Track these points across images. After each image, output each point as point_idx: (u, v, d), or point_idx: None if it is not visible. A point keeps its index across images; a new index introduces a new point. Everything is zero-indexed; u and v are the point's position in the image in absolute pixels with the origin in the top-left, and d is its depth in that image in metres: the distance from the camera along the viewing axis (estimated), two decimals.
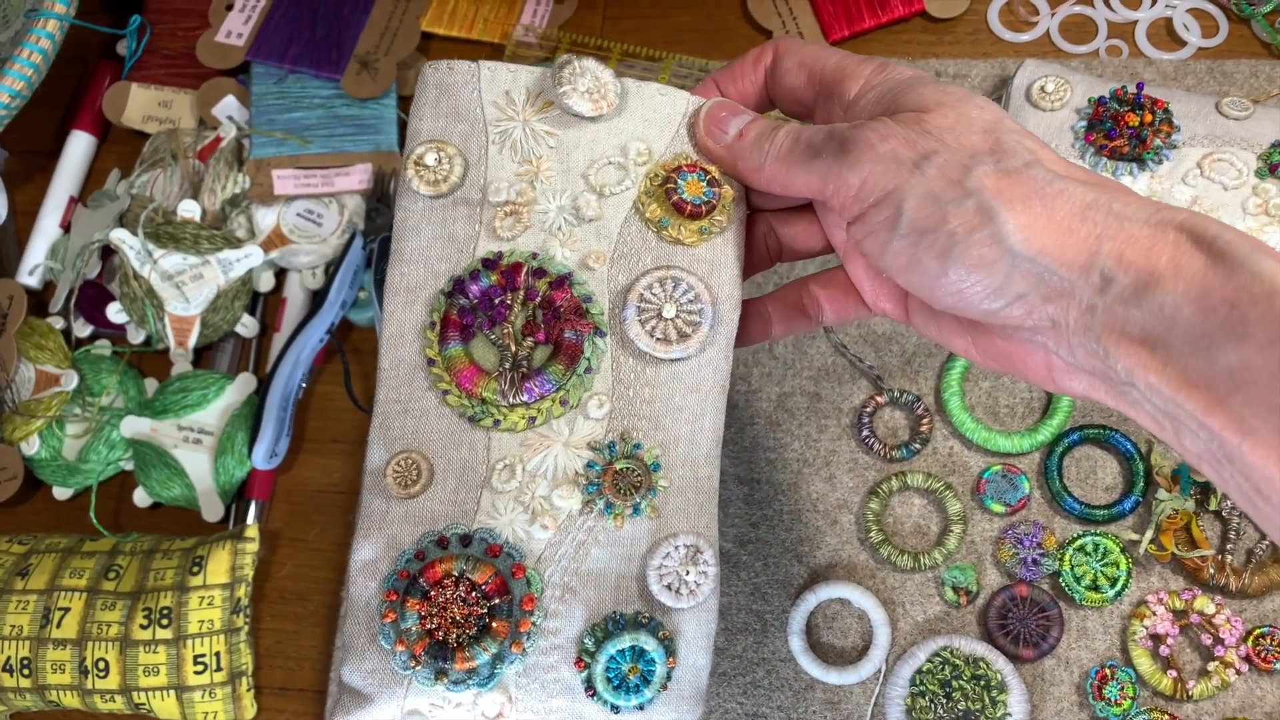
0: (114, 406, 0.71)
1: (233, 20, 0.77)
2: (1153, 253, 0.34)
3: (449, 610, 0.44)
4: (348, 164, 0.73)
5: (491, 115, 0.48)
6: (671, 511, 0.46)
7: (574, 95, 0.46)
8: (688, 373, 0.46)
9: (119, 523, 0.71)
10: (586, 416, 0.46)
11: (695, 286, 0.46)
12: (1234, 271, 0.33)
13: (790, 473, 0.66)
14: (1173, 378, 0.33)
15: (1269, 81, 0.71)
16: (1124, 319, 0.34)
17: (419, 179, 0.47)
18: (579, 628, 0.45)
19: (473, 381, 0.46)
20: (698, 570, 0.46)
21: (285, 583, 0.68)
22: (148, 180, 0.73)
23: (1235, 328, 0.32)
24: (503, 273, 0.46)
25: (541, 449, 0.46)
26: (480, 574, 0.44)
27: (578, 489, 0.45)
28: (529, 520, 0.45)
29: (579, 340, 0.45)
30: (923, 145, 0.39)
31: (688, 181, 0.46)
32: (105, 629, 0.61)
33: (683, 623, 0.46)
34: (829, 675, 0.61)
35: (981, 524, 0.64)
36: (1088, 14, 0.76)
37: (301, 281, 0.73)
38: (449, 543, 0.45)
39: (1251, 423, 0.31)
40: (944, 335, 0.44)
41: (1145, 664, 0.59)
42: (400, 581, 0.44)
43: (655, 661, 0.45)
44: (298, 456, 0.71)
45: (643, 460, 0.45)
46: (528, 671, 0.45)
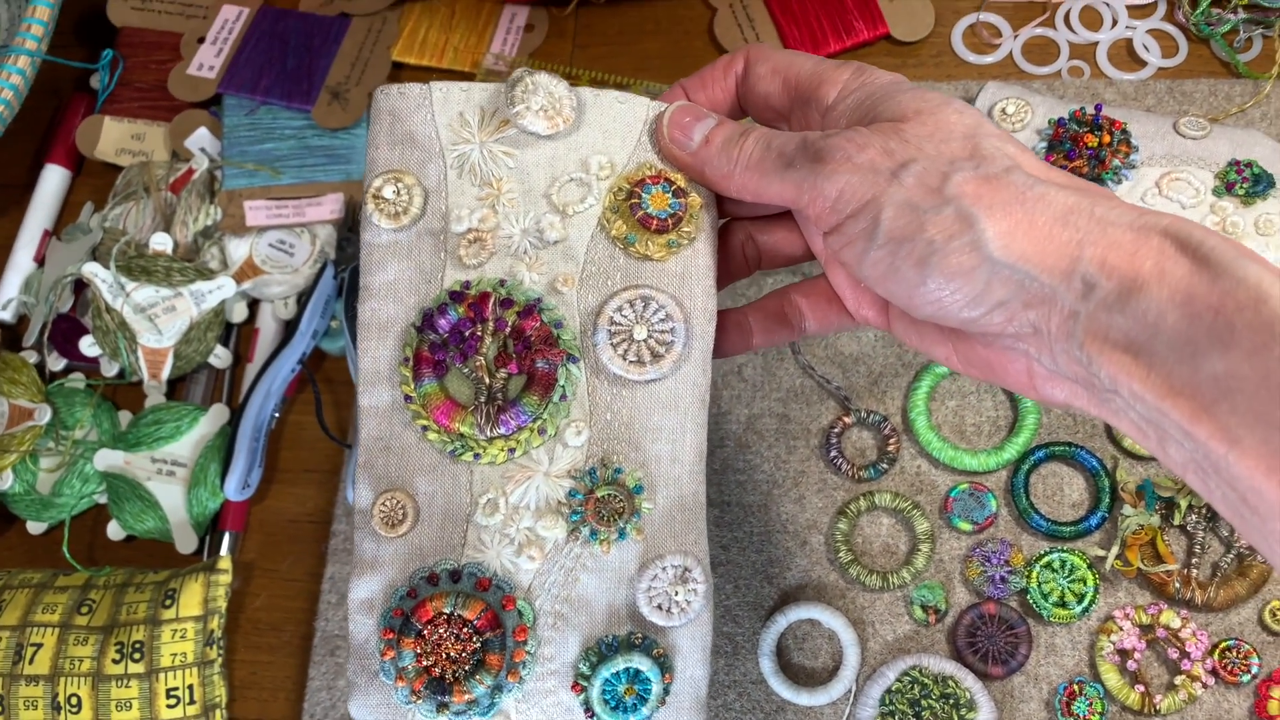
0: (88, 440, 0.71)
1: (204, 53, 0.78)
2: (1136, 258, 0.34)
3: (443, 647, 0.45)
4: (319, 194, 0.74)
5: (447, 139, 0.46)
6: (658, 533, 0.46)
7: (528, 114, 0.45)
8: (665, 391, 0.46)
9: (93, 556, 0.71)
10: (565, 445, 0.46)
11: (666, 305, 0.45)
12: (1219, 277, 0.32)
13: (760, 494, 0.66)
14: (1157, 385, 0.33)
15: (1228, 100, 0.72)
16: (1107, 325, 0.34)
17: (379, 213, 0.46)
18: (574, 653, 0.46)
19: (449, 417, 0.45)
20: (687, 589, 0.46)
21: (259, 614, 0.68)
22: (120, 213, 0.74)
23: (1221, 334, 0.31)
24: (470, 305, 0.45)
25: (523, 480, 0.46)
26: (470, 610, 0.44)
27: (561, 518, 0.45)
28: (515, 552, 0.45)
29: (552, 369, 0.45)
30: (900, 154, 0.38)
31: (652, 195, 0.45)
32: (78, 664, 0.61)
33: (677, 639, 0.47)
34: (800, 697, 0.61)
35: (949, 542, 0.64)
36: (1050, 35, 0.77)
37: (274, 312, 0.73)
38: (439, 579, 0.45)
39: (1238, 432, 0.31)
40: (925, 343, 0.43)
41: (1113, 679, 0.60)
42: (395, 619, 0.45)
43: (651, 680, 0.46)
44: (271, 487, 0.71)
45: (625, 485, 0.45)
46: (527, 697, 0.46)
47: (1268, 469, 0.30)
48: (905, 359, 0.68)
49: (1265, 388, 0.30)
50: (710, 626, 0.47)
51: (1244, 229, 0.63)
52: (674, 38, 0.80)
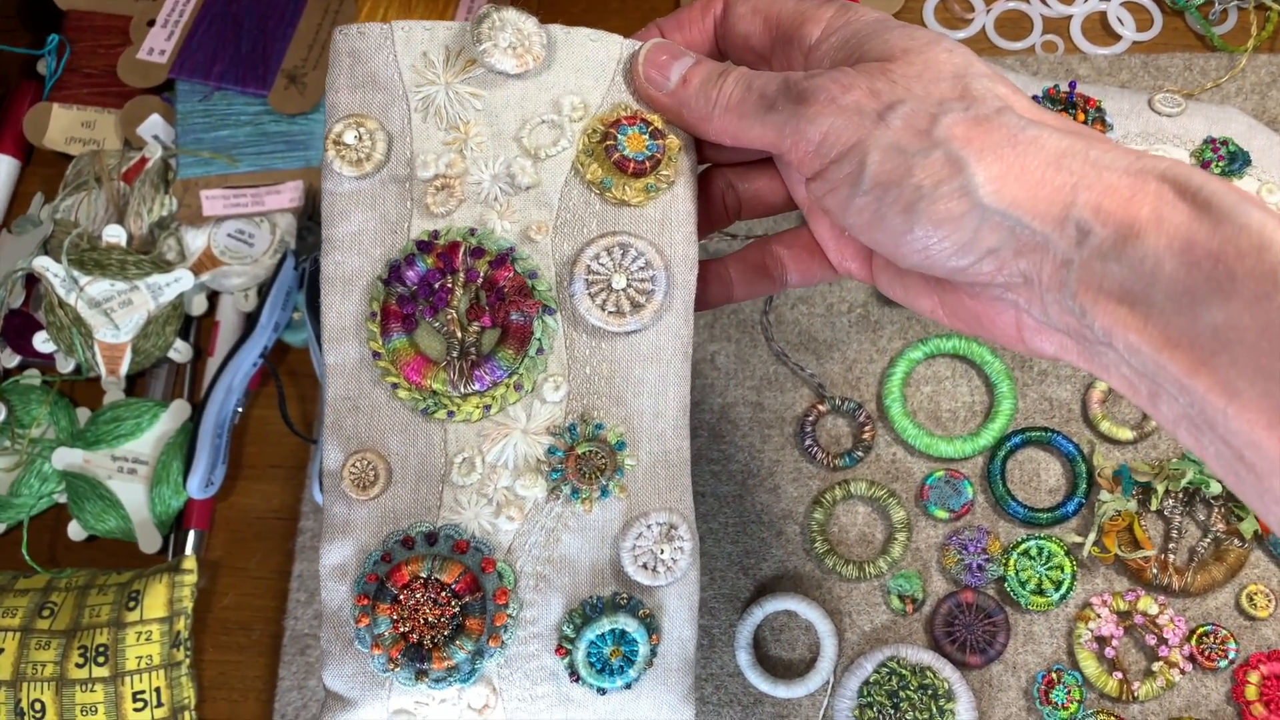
0: (45, 438, 0.69)
1: (155, 37, 0.75)
2: (1133, 203, 0.32)
3: (420, 612, 0.43)
4: (278, 182, 0.72)
5: (411, 81, 0.44)
6: (641, 490, 0.45)
7: (495, 52, 0.43)
8: (646, 343, 0.44)
9: (55, 557, 0.69)
10: (543, 400, 0.44)
11: (645, 252, 0.43)
12: (1220, 223, 0.31)
13: (735, 484, 0.65)
14: (1154, 336, 0.31)
15: (1202, 74, 0.71)
16: (1101, 274, 0.33)
17: (340, 159, 0.44)
18: (557, 615, 0.45)
19: (420, 373, 0.43)
20: (673, 547, 0.45)
21: (227, 613, 0.67)
22: (72, 204, 0.72)
23: (1221, 283, 0.30)
24: (439, 255, 0.43)
25: (500, 438, 0.44)
26: (448, 573, 0.43)
27: (541, 476, 0.44)
28: (494, 513, 0.44)
29: (527, 322, 0.43)
30: (887, 95, 0.36)
31: (628, 136, 0.43)
32: (40, 669, 0.60)
33: (664, 598, 0.46)
34: (777, 689, 0.61)
35: (926, 531, 0.64)
36: (1023, 9, 0.76)
37: (234, 304, 0.72)
38: (414, 542, 0.44)
39: (1237, 384, 0.30)
40: (909, 295, 0.42)
41: (1091, 666, 0.59)
42: (369, 585, 0.44)
43: (638, 641, 0.44)
44: (236, 483, 0.69)
45: (606, 441, 0.44)
46: (509, 662, 0.45)
47: (1268, 423, 0.29)
48: (880, 345, 0.67)
49: (1266, 338, 0.29)
50: (697, 585, 0.46)
51: None
52: (640, 16, 0.79)
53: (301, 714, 0.63)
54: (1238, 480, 0.31)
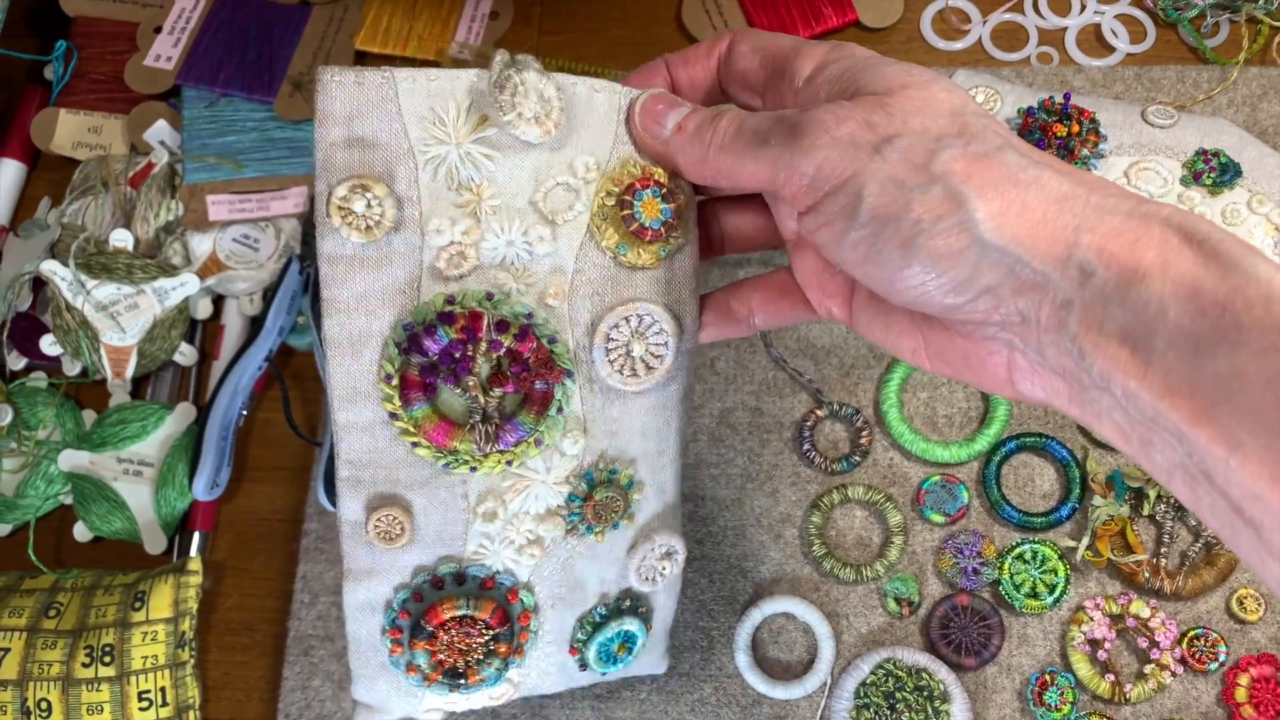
0: (51, 440, 0.70)
1: (161, 43, 0.76)
2: (1137, 247, 0.32)
3: (456, 644, 0.46)
4: (283, 187, 0.73)
5: (417, 137, 0.40)
6: (646, 517, 0.49)
7: (520, 123, 0.40)
8: (655, 395, 0.46)
9: (60, 558, 0.70)
10: (562, 454, 0.45)
11: (660, 319, 0.44)
12: (1228, 272, 0.30)
13: (734, 488, 0.66)
14: (1154, 382, 0.31)
15: (1195, 86, 0.72)
16: (1103, 316, 0.32)
17: (348, 226, 0.40)
18: (570, 626, 0.50)
19: (446, 437, 0.43)
20: (672, 562, 0.50)
21: (231, 614, 0.67)
22: (79, 208, 0.72)
23: (1227, 332, 0.29)
24: (461, 328, 0.42)
25: (521, 489, 0.45)
26: (483, 611, 0.46)
27: (560, 519, 0.46)
28: (516, 552, 0.46)
29: (549, 389, 0.44)
30: (884, 128, 0.36)
31: (644, 202, 0.43)
32: (46, 669, 0.61)
33: (656, 596, 0.52)
34: (775, 690, 0.62)
35: (922, 534, 0.64)
36: (1019, 21, 0.77)
37: (239, 308, 0.72)
38: (444, 583, 0.46)
39: (1240, 435, 0.29)
40: (890, 336, 0.41)
41: (1084, 669, 0.60)
42: (402, 621, 0.46)
43: (638, 636, 0.51)
44: (240, 485, 0.70)
45: (620, 484, 0.46)
46: (527, 663, 0.50)
47: (1271, 476, 0.28)
48: (877, 351, 0.68)
49: (1272, 391, 0.28)
50: (680, 576, 0.53)
51: (1211, 218, 0.63)
52: (641, 24, 0.79)
53: (305, 714, 0.64)
54: (1233, 534, 0.31)
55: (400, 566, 0.46)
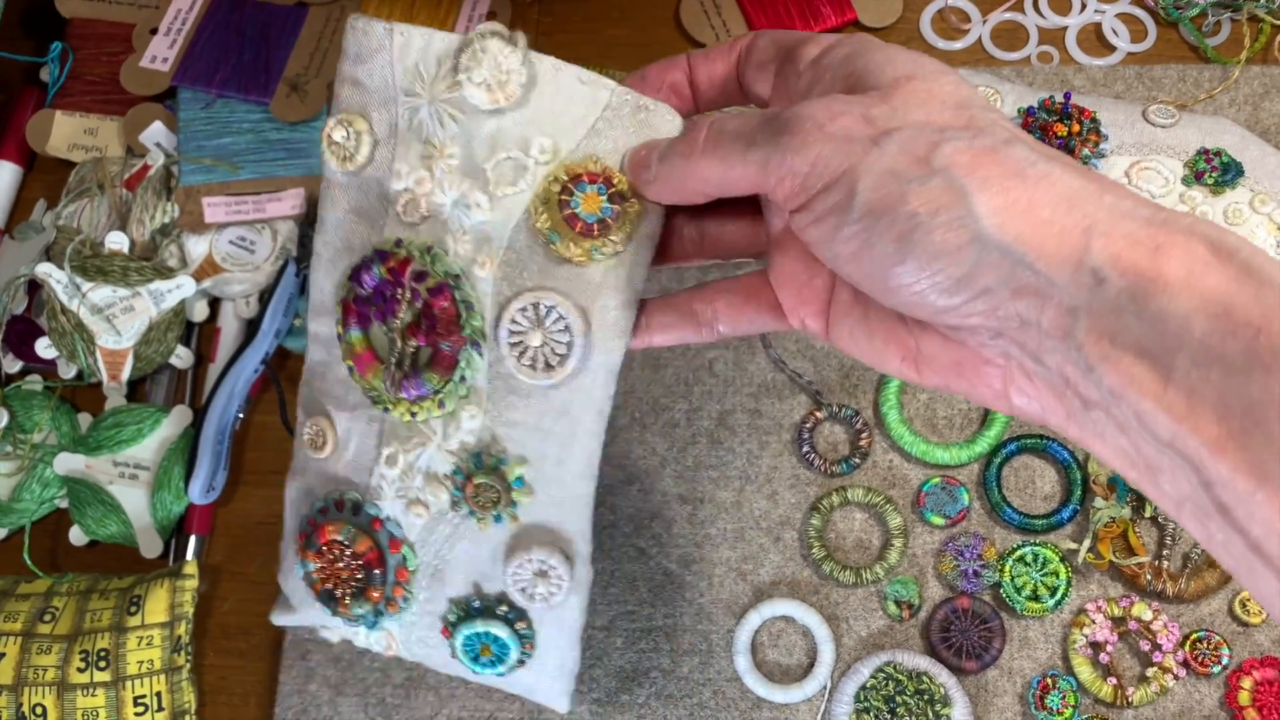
0: (47, 443, 0.69)
1: (157, 44, 0.76)
2: (1159, 256, 0.30)
3: (335, 567, 0.50)
4: (279, 189, 0.72)
5: (403, 86, 0.43)
6: (532, 525, 0.48)
7: (469, 85, 0.42)
8: (558, 398, 0.45)
9: (56, 562, 0.69)
10: (459, 425, 0.46)
11: (567, 315, 0.43)
12: (1263, 291, 0.28)
13: (733, 491, 0.66)
14: (1175, 403, 0.29)
15: (1196, 85, 0.72)
16: (1116, 327, 0.30)
17: (329, 153, 0.45)
18: (444, 605, 0.51)
19: (365, 368, 0.47)
20: (548, 583, 0.48)
21: (228, 618, 0.67)
22: (74, 211, 0.72)
23: (1261, 356, 0.27)
24: (390, 269, 0.45)
25: (419, 445, 0.48)
26: (359, 545, 0.49)
27: (445, 490, 0.48)
28: (406, 506, 0.49)
29: (454, 352, 0.45)
30: (883, 121, 0.34)
31: (585, 194, 0.42)
32: (42, 674, 0.60)
33: (542, 618, 0.50)
34: (775, 694, 0.61)
35: (922, 537, 0.64)
36: (1019, 20, 0.76)
37: (235, 311, 0.72)
38: (344, 506, 0.50)
39: (1271, 467, 0.27)
40: (874, 347, 0.39)
41: (1086, 672, 0.60)
42: (308, 527, 0.50)
43: (509, 647, 0.50)
44: (237, 489, 0.70)
45: (504, 476, 0.47)
46: (407, 626, 0.52)
47: None
48: None
49: None
50: (579, 612, 0.50)
51: (1213, 218, 0.63)
52: (639, 25, 0.79)
53: (301, 718, 0.64)
54: (1249, 573, 0.29)
55: (322, 475, 0.51)
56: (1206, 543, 0.30)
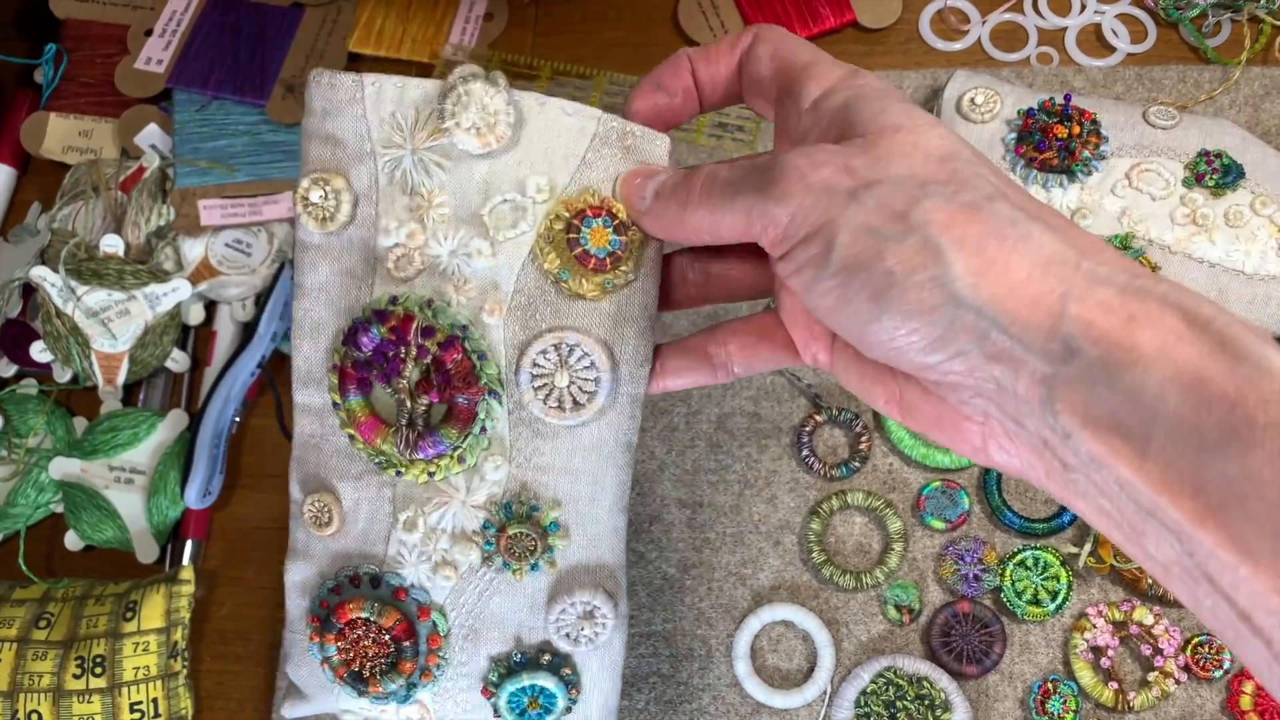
0: (42, 448, 0.69)
1: (152, 46, 0.75)
2: (1132, 326, 0.29)
3: (361, 645, 0.47)
4: (276, 192, 0.72)
5: (379, 139, 0.42)
6: (570, 569, 0.47)
7: (458, 132, 0.41)
8: (587, 435, 0.44)
9: (51, 567, 0.69)
10: (483, 478, 0.45)
11: (591, 353, 0.43)
12: (1238, 364, 0.28)
13: (732, 495, 0.66)
14: (1152, 475, 0.28)
15: (1196, 87, 0.72)
16: (1089, 398, 0.29)
17: (306, 215, 0.43)
18: (484, 665, 0.48)
19: (372, 434, 0.44)
20: (594, 624, 0.47)
21: (225, 622, 0.67)
22: (69, 214, 0.72)
23: (1238, 430, 0.27)
24: (392, 328, 0.43)
25: (441, 505, 0.45)
26: (386, 619, 0.46)
27: (475, 546, 0.46)
28: (432, 570, 0.46)
29: (471, 405, 0.43)
30: (864, 173, 0.34)
31: (592, 229, 0.42)
32: (37, 680, 0.60)
33: (586, 659, 0.48)
34: (774, 699, 0.61)
35: (922, 541, 0.64)
36: (1018, 21, 0.76)
37: (232, 314, 0.72)
38: (361, 581, 0.47)
39: (1254, 543, 0.26)
40: (864, 385, 0.39)
41: (1087, 676, 0.60)
42: (321, 610, 0.47)
43: (556, 697, 0.48)
44: (234, 493, 0.69)
45: (539, 523, 0.45)
46: (441, 693, 0.48)
47: None
48: None
49: None
50: (621, 647, 0.49)
51: (1214, 220, 0.62)
52: (637, 26, 0.79)
53: None
54: (1237, 640, 0.28)
55: (329, 554, 0.48)
56: (1195, 607, 0.29)
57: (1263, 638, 0.27)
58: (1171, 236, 0.63)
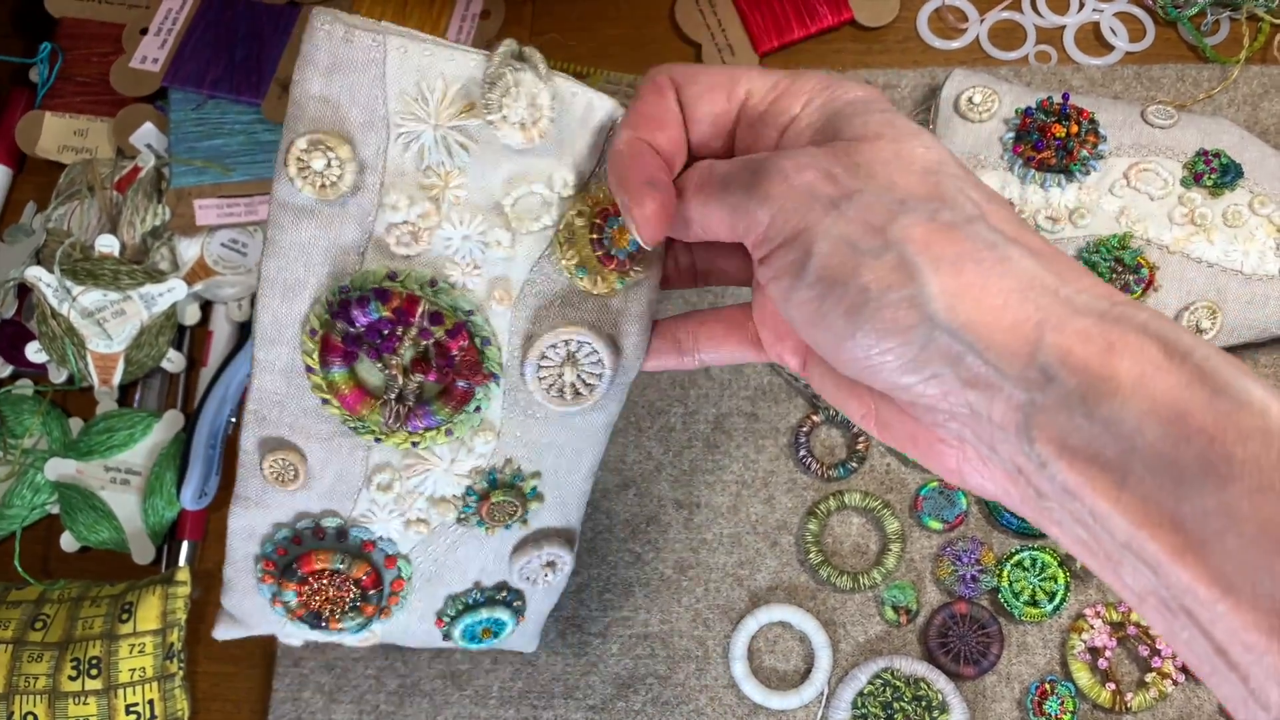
0: (37, 449, 0.69)
1: (147, 45, 0.75)
2: (1110, 355, 0.29)
3: (323, 593, 0.48)
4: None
5: (396, 108, 0.39)
6: (540, 525, 0.49)
7: (504, 126, 0.38)
8: (580, 420, 0.45)
9: (47, 569, 0.69)
10: (470, 450, 0.45)
11: (600, 350, 0.42)
12: (1217, 396, 0.27)
13: (729, 495, 0.65)
14: (1130, 508, 0.28)
15: (1195, 85, 0.72)
16: (1067, 428, 0.29)
17: (302, 179, 0.39)
18: (441, 600, 0.51)
19: (358, 404, 0.43)
20: (555, 571, 0.51)
21: None
22: (64, 213, 0.71)
23: (1216, 465, 0.26)
24: (395, 309, 0.41)
25: (421, 470, 0.46)
26: (356, 571, 0.48)
27: (453, 508, 0.47)
28: (404, 526, 0.47)
29: (470, 389, 0.43)
30: (846, 181, 0.33)
31: (616, 229, 0.41)
32: (33, 681, 0.60)
33: (534, 594, 0.53)
34: (771, 700, 0.61)
35: (920, 541, 0.64)
36: (1016, 19, 0.76)
37: (228, 314, 0.71)
38: (325, 534, 0.47)
39: (1233, 579, 0.26)
40: (841, 396, 0.38)
41: (1084, 677, 0.60)
42: (278, 556, 0.48)
43: (506, 624, 0.52)
44: (229, 494, 0.69)
45: (521, 491, 0.46)
46: (392, 624, 0.52)
47: (1269, 628, 0.25)
48: None
49: (1268, 535, 0.25)
50: (564, 581, 0.54)
51: (1212, 220, 0.62)
52: (634, 24, 0.78)
53: None
54: (1213, 674, 0.28)
55: (287, 507, 0.47)
56: (1170, 638, 0.29)
57: (1239, 673, 0.27)
58: (1169, 236, 0.62)
